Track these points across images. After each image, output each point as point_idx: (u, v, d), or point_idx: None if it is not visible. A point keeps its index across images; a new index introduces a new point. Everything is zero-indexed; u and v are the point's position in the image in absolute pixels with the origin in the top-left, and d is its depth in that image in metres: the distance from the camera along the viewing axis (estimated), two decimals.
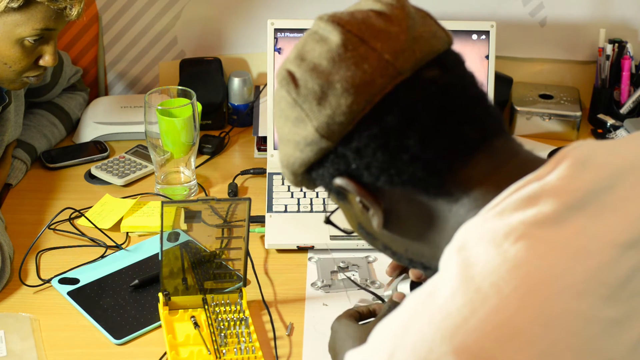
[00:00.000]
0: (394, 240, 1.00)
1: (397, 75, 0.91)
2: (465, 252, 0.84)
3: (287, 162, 1.00)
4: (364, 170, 0.93)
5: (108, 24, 1.98)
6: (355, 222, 1.02)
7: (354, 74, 0.91)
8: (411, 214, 0.95)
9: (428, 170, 0.92)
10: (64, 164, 1.79)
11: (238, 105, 1.95)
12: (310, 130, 0.94)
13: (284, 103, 0.96)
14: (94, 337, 1.36)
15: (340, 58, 0.92)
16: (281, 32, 1.71)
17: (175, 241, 1.36)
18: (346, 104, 0.91)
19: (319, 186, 1.01)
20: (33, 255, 1.52)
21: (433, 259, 0.95)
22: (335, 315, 1.38)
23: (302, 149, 0.96)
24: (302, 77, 0.94)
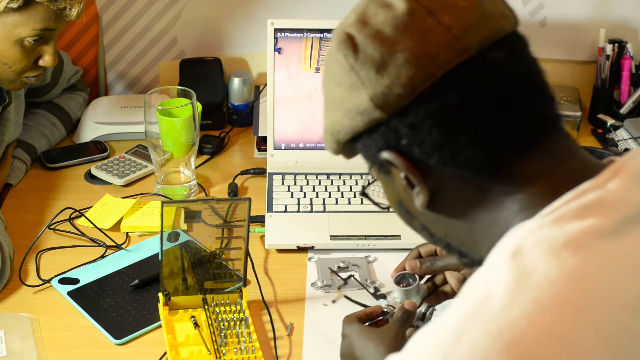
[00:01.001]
0: (435, 222, 0.95)
1: (463, 52, 0.87)
2: (521, 258, 0.81)
3: (332, 129, 0.96)
4: (415, 147, 0.89)
5: (108, 24, 1.98)
6: (395, 199, 0.98)
7: (418, 46, 0.87)
8: (458, 198, 0.91)
9: (485, 156, 0.88)
10: (64, 164, 1.79)
11: (238, 105, 1.95)
12: (365, 99, 0.89)
13: (339, 67, 0.92)
14: (94, 337, 1.36)
15: (405, 27, 0.88)
16: (281, 32, 1.71)
17: (175, 241, 1.36)
18: (407, 76, 0.87)
19: (361, 156, 0.97)
20: (33, 255, 1.52)
21: (472, 249, 0.93)
22: (335, 315, 1.38)
23: (353, 117, 0.92)
24: (363, 42, 0.89)
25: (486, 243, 0.89)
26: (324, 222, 1.60)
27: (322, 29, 1.71)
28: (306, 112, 1.74)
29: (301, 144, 1.75)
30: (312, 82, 1.73)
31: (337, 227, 1.58)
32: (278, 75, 1.72)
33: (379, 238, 1.56)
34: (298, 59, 1.72)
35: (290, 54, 1.72)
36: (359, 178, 1.71)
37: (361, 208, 1.63)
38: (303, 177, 1.71)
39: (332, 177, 1.71)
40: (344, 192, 1.67)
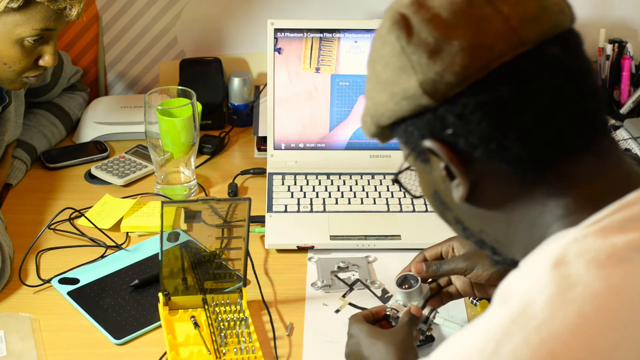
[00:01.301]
0: (471, 216, 0.93)
1: (520, 45, 0.84)
2: (564, 269, 0.79)
3: (374, 112, 0.93)
4: (461, 137, 0.86)
5: (108, 24, 1.98)
6: (431, 189, 0.95)
7: (475, 34, 0.84)
8: (499, 193, 0.89)
9: (533, 154, 0.86)
10: (64, 164, 1.79)
11: (238, 105, 1.95)
12: (413, 84, 0.86)
13: (389, 49, 0.88)
14: (94, 337, 1.36)
15: (463, 14, 0.85)
16: (281, 32, 1.71)
17: (175, 241, 1.36)
18: (460, 64, 0.84)
19: (398, 141, 0.95)
20: (33, 255, 1.52)
21: (507, 247, 0.92)
22: (335, 315, 1.38)
23: (398, 101, 0.88)
24: (418, 25, 0.86)
25: (522, 244, 0.88)
26: (324, 222, 1.60)
27: (322, 29, 1.71)
28: (306, 112, 1.74)
29: (301, 144, 1.75)
30: (312, 82, 1.73)
31: (337, 227, 1.58)
32: (278, 75, 1.72)
33: (379, 238, 1.56)
34: (298, 59, 1.72)
35: (290, 54, 1.72)
36: (359, 178, 1.71)
37: (361, 208, 1.63)
38: (303, 177, 1.71)
39: (332, 177, 1.71)
40: (344, 192, 1.67)
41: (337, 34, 1.71)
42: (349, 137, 1.75)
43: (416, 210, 1.62)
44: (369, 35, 1.71)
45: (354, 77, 1.73)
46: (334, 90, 1.73)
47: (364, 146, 1.76)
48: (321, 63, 1.72)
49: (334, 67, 1.72)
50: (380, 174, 1.72)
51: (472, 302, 1.40)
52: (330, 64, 1.72)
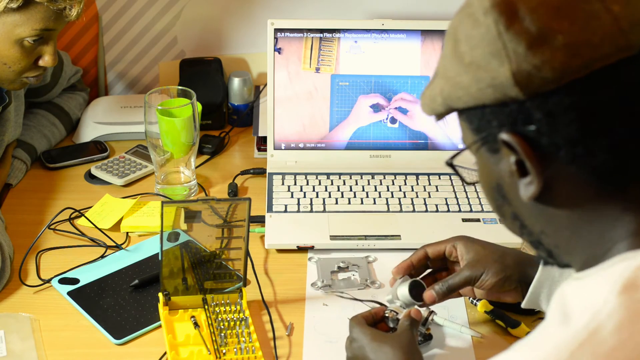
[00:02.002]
0: (535, 216, 0.88)
1: (626, 49, 0.79)
2: (635, 294, 0.76)
3: (449, 93, 0.87)
4: (544, 136, 0.81)
5: (108, 24, 1.98)
6: (493, 181, 0.90)
7: (582, 31, 0.79)
8: (571, 199, 0.84)
9: (621, 165, 0.81)
10: (64, 163, 1.79)
11: (238, 105, 1.95)
12: (505, 73, 0.81)
13: (483, 31, 0.82)
14: (94, 337, 1.36)
15: (572, 7, 0.80)
16: (281, 32, 1.71)
17: (175, 241, 1.36)
18: (561, 60, 0.78)
19: (462, 125, 0.90)
20: (33, 255, 1.52)
21: (565, 254, 0.89)
22: (336, 314, 1.37)
23: (483, 87, 0.83)
24: (521, 11, 0.80)
25: (584, 254, 0.85)
26: (324, 222, 1.60)
27: (322, 29, 1.71)
28: (306, 112, 1.74)
29: (301, 144, 1.75)
30: (312, 82, 1.73)
31: (337, 227, 1.58)
32: (278, 75, 1.72)
33: (379, 238, 1.56)
34: (298, 59, 1.72)
35: (290, 54, 1.72)
36: (359, 178, 1.71)
37: (361, 208, 1.63)
38: (303, 177, 1.71)
39: (332, 177, 1.71)
40: (344, 192, 1.67)
41: (337, 34, 1.71)
42: (349, 137, 1.75)
43: (416, 210, 1.62)
44: (369, 35, 1.71)
45: (354, 77, 1.73)
46: (334, 90, 1.73)
47: (364, 146, 1.76)
48: (321, 63, 1.72)
49: (334, 67, 1.72)
50: (380, 174, 1.72)
51: (472, 302, 1.40)
52: (330, 64, 1.72)
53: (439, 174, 1.72)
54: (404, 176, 1.71)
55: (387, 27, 1.71)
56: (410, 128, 1.75)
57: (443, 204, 1.64)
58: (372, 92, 1.74)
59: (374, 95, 1.74)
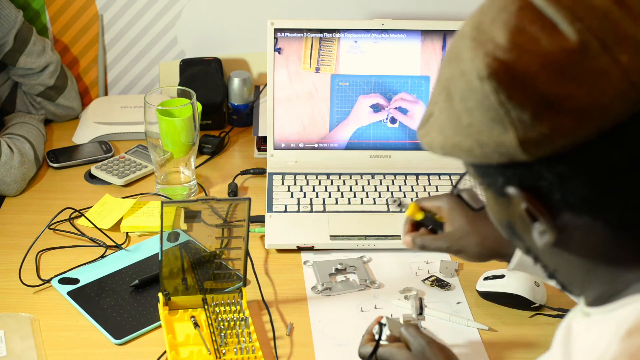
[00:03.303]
0: (549, 256, 0.86)
1: (638, 102, 0.73)
2: (639, 338, 0.74)
3: (450, 152, 0.82)
4: (555, 192, 0.77)
5: (108, 24, 1.98)
6: (504, 220, 0.86)
7: (590, 92, 0.73)
8: (586, 245, 0.81)
9: (636, 217, 0.78)
10: (69, 163, 1.79)
11: (238, 105, 1.95)
12: (511, 141, 0.75)
13: (480, 97, 0.76)
14: (94, 337, 1.36)
15: (577, 66, 0.73)
16: (281, 32, 1.71)
17: (175, 241, 1.36)
18: (570, 126, 0.73)
19: (470, 172, 0.85)
20: (33, 255, 1.52)
21: (579, 289, 0.86)
22: (342, 318, 1.37)
23: (488, 152, 0.78)
24: (522, 77, 0.74)
25: (597, 291, 0.84)
26: (324, 222, 1.60)
27: (322, 29, 1.71)
28: (306, 112, 1.74)
29: (301, 143, 1.75)
30: (312, 82, 1.73)
31: (337, 227, 1.58)
32: (278, 75, 1.72)
33: (379, 238, 1.56)
34: (298, 59, 1.72)
35: (290, 54, 1.72)
36: (359, 178, 1.71)
37: (361, 208, 1.63)
38: (303, 177, 1.71)
39: (332, 177, 1.71)
40: (344, 192, 1.67)
41: (337, 34, 1.71)
42: (349, 137, 1.75)
43: None
44: (369, 35, 1.71)
45: (354, 77, 1.73)
46: (334, 90, 1.73)
47: (364, 146, 1.76)
48: (321, 63, 1.72)
49: (334, 67, 1.72)
50: (380, 174, 1.72)
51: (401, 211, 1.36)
52: (330, 64, 1.72)
53: (439, 174, 1.72)
54: (404, 176, 1.71)
55: (387, 27, 1.71)
56: (410, 128, 1.75)
57: None
58: (372, 92, 1.74)
59: (374, 95, 1.74)
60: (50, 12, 1.95)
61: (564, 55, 0.73)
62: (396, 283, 1.47)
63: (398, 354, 1.16)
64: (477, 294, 1.43)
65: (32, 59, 1.83)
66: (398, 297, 1.44)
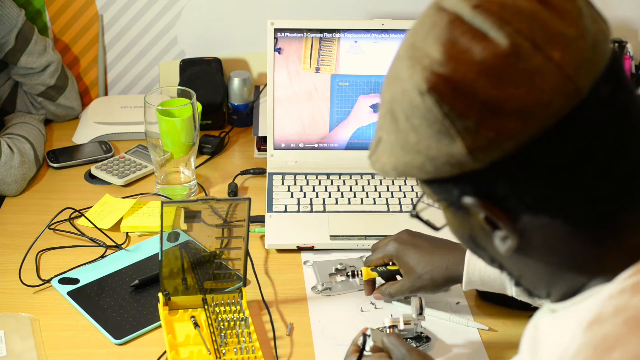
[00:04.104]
0: (512, 263, 0.86)
1: (576, 94, 0.75)
2: (600, 328, 0.74)
3: (402, 171, 0.83)
4: (511, 197, 0.78)
5: (108, 24, 1.98)
6: (466, 233, 0.87)
7: (529, 92, 0.74)
8: (547, 245, 0.82)
9: (593, 209, 0.78)
10: (69, 163, 1.79)
11: (238, 105, 1.95)
12: (460, 151, 0.77)
13: (423, 112, 0.77)
14: (94, 337, 1.36)
15: (512, 69, 0.74)
16: (281, 32, 1.71)
17: (175, 241, 1.36)
18: (514, 129, 0.74)
19: (426, 190, 0.86)
20: (33, 255, 1.52)
21: (544, 291, 0.87)
22: (342, 318, 1.37)
23: (439, 165, 0.79)
24: (460, 87, 0.76)
25: (561, 290, 0.85)
26: (324, 222, 1.60)
27: (322, 29, 1.71)
28: (306, 112, 1.74)
29: (301, 144, 1.75)
30: (312, 82, 1.73)
31: (337, 227, 1.58)
32: (278, 75, 1.72)
33: (379, 238, 1.55)
34: (298, 59, 1.72)
35: (290, 54, 1.72)
36: (359, 178, 1.71)
37: (361, 208, 1.63)
38: (303, 177, 1.71)
39: (332, 177, 1.71)
40: (344, 192, 1.67)
41: (337, 34, 1.71)
42: (349, 137, 1.75)
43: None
44: (369, 35, 1.71)
45: (354, 77, 1.73)
46: (333, 90, 1.73)
47: (364, 146, 1.76)
48: (321, 63, 1.72)
49: (334, 67, 1.72)
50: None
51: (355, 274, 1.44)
52: (330, 64, 1.72)
53: None
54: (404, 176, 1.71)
55: (387, 27, 1.71)
56: None
57: None
58: (372, 92, 1.74)
59: (374, 95, 1.74)
60: (51, 12, 1.95)
61: (498, 60, 0.75)
62: None
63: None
64: (477, 294, 1.43)
65: (34, 58, 1.83)
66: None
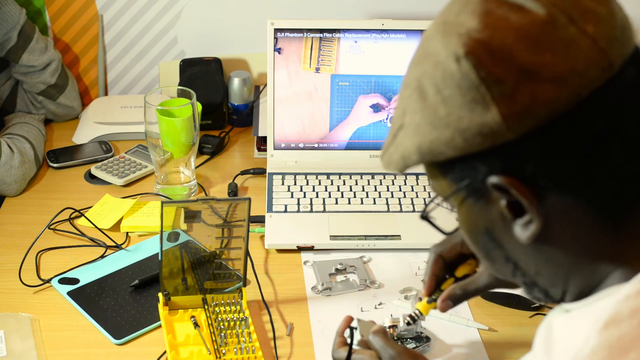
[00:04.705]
0: (530, 256, 0.84)
1: (609, 68, 0.76)
2: (616, 330, 0.74)
3: (427, 150, 0.82)
4: (539, 173, 0.78)
5: (108, 24, 1.98)
6: (481, 227, 0.86)
7: (565, 60, 0.76)
8: (569, 234, 0.81)
9: (619, 191, 0.78)
10: (69, 163, 1.79)
11: (238, 105, 1.95)
12: (494, 118, 0.76)
13: (457, 79, 0.78)
14: (94, 337, 1.36)
15: (548, 37, 0.76)
16: (281, 32, 1.71)
17: (175, 241, 1.36)
18: (550, 94, 0.75)
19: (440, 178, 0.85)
20: (33, 255, 1.52)
21: (560, 291, 0.86)
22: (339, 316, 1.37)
23: (469, 137, 0.78)
24: (498, 52, 0.76)
25: (577, 288, 0.84)
26: (324, 222, 1.60)
27: (322, 29, 1.71)
28: (306, 112, 1.74)
29: (301, 144, 1.75)
30: (312, 82, 1.73)
31: (337, 227, 1.58)
32: (278, 75, 1.72)
33: (379, 238, 1.56)
34: (298, 59, 1.72)
35: (290, 54, 1.72)
36: (359, 178, 1.71)
37: (361, 208, 1.63)
38: (303, 177, 1.71)
39: (332, 177, 1.71)
40: (344, 192, 1.67)
41: (337, 34, 1.71)
42: (349, 137, 1.75)
43: (416, 210, 1.62)
44: (369, 35, 1.71)
45: (353, 77, 1.73)
46: (333, 90, 1.74)
47: (364, 146, 1.76)
48: (321, 63, 1.72)
49: (334, 67, 1.72)
50: (380, 174, 1.72)
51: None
52: (330, 64, 1.72)
53: None
54: (404, 176, 1.71)
55: (387, 27, 1.71)
56: None
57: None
58: (372, 92, 1.74)
59: (374, 95, 1.74)
60: (51, 12, 1.95)
61: (535, 27, 0.77)
62: (396, 283, 1.47)
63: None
64: None
65: (35, 56, 1.83)
66: (398, 297, 1.44)
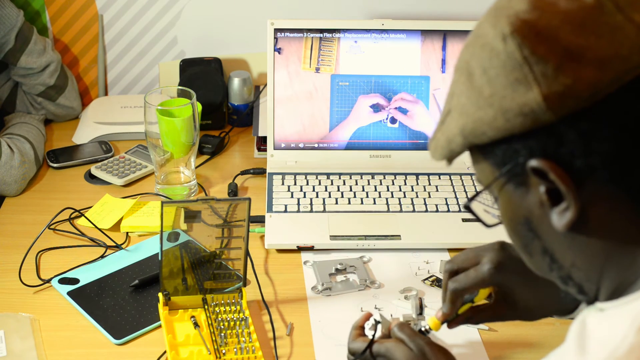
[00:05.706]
0: (567, 247, 0.84)
1: None
2: None
3: (472, 130, 0.83)
4: (579, 157, 0.78)
5: (108, 24, 1.98)
6: (521, 216, 0.86)
7: (609, 44, 0.77)
8: (606, 223, 0.81)
9: None
10: (69, 163, 1.79)
11: (238, 105, 1.95)
12: (535, 98, 0.78)
13: (504, 58, 0.80)
14: (94, 337, 1.36)
15: (595, 22, 0.78)
16: (281, 32, 1.71)
17: (175, 241, 1.36)
18: (593, 76, 0.76)
19: (482, 164, 0.87)
20: (33, 255, 1.52)
21: (595, 286, 0.85)
22: (342, 318, 1.37)
23: (511, 117, 0.79)
24: (544, 32, 0.79)
25: (613, 283, 0.83)
26: (324, 222, 1.60)
27: (322, 29, 1.71)
28: (306, 112, 1.74)
29: (301, 144, 1.75)
30: (312, 82, 1.73)
31: (337, 227, 1.58)
32: (278, 75, 1.72)
33: (379, 238, 1.56)
34: (298, 59, 1.72)
35: (290, 54, 1.72)
36: (359, 178, 1.71)
37: (361, 208, 1.63)
38: (303, 177, 1.71)
39: (332, 177, 1.71)
40: (344, 192, 1.67)
41: (337, 34, 1.71)
42: (349, 137, 1.75)
43: (416, 210, 1.62)
44: (369, 35, 1.71)
45: (354, 77, 1.73)
46: (334, 90, 1.74)
47: (364, 146, 1.76)
48: (321, 63, 1.72)
49: (334, 67, 1.72)
50: (380, 174, 1.72)
51: None
52: (330, 64, 1.72)
53: (439, 174, 1.72)
54: (404, 176, 1.71)
55: (387, 27, 1.71)
56: (410, 128, 1.75)
57: (443, 204, 1.64)
58: (372, 92, 1.74)
59: (374, 95, 1.74)
60: (50, 12, 1.95)
61: (583, 12, 0.79)
62: (396, 283, 1.47)
63: (396, 349, 1.13)
64: None
65: (33, 58, 1.83)
66: (398, 297, 1.44)
